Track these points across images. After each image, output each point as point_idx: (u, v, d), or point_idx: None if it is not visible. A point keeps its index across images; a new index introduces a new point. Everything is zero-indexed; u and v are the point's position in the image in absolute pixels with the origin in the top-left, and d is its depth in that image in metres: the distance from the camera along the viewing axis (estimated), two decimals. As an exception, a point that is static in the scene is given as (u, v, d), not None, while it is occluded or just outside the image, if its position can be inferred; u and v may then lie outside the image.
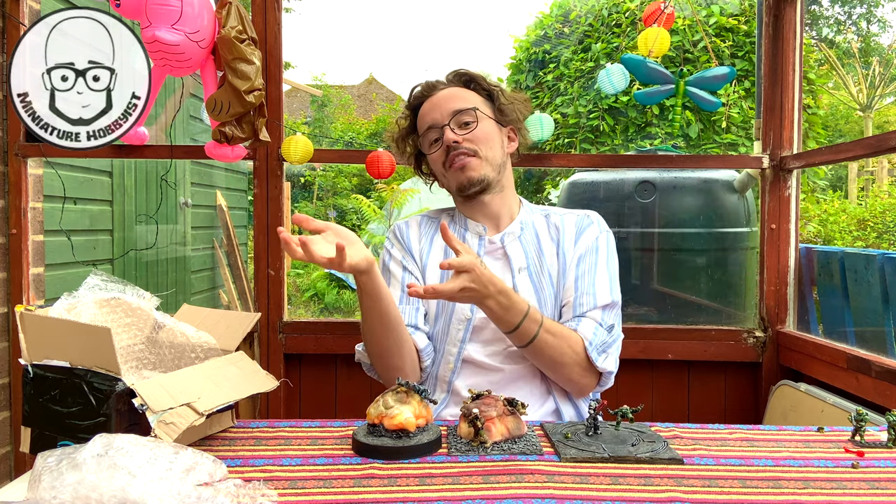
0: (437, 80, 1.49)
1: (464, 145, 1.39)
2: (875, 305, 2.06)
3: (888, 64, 13.97)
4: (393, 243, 1.50)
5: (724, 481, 0.90)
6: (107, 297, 1.09)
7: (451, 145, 1.39)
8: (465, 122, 1.40)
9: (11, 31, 1.94)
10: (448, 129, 1.39)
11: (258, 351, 2.02)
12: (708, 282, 2.67)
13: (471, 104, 1.42)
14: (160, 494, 0.72)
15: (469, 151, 1.39)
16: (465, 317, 1.37)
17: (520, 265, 1.41)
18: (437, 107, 1.42)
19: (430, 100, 1.45)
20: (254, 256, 2.05)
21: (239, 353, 1.15)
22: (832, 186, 10.60)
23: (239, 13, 1.71)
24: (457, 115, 1.40)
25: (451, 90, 1.45)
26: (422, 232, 1.50)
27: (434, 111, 1.43)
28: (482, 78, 1.49)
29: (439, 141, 1.42)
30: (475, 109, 1.41)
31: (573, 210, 1.51)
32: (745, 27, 5.15)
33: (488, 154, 1.41)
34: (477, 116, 1.41)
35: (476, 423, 1.02)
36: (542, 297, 1.38)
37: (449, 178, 1.43)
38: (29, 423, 0.98)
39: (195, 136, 4.98)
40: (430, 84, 1.48)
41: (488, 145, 1.41)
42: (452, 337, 1.37)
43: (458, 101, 1.42)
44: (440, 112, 1.42)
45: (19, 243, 1.96)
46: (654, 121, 5.29)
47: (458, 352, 1.37)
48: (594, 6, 5.63)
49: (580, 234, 1.43)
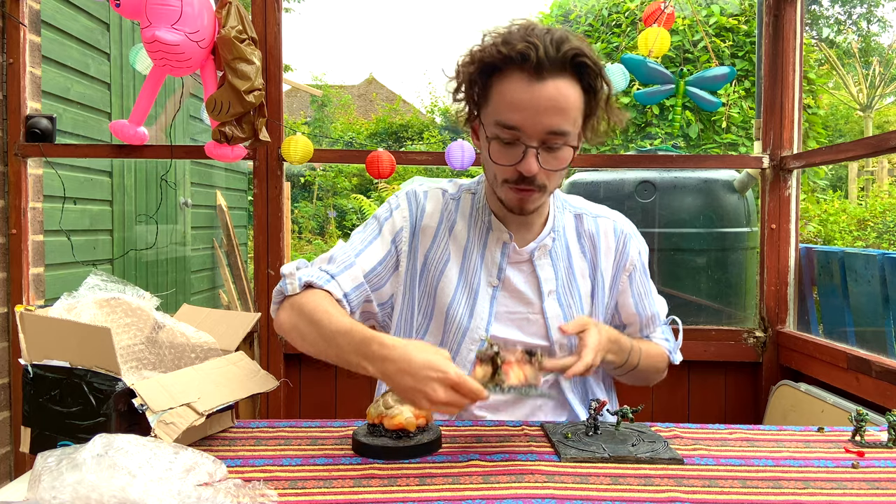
0: (545, 53, 1.08)
1: (539, 178, 1.14)
2: (875, 305, 2.06)
3: (888, 64, 13.96)
4: (400, 206, 1.28)
5: (725, 481, 0.90)
6: (107, 297, 1.09)
7: (527, 175, 1.12)
8: (553, 147, 1.13)
9: (11, 31, 1.94)
10: (532, 156, 1.11)
11: (258, 351, 2.02)
12: (708, 282, 2.66)
13: (573, 126, 1.13)
14: (160, 494, 0.72)
15: (539, 187, 1.15)
16: (479, 337, 1.22)
17: (549, 288, 1.25)
18: (535, 111, 1.09)
19: (530, 88, 1.09)
20: (254, 256, 2.05)
21: (239, 353, 1.15)
22: (832, 186, 10.59)
23: (239, 13, 1.71)
24: (549, 139, 1.11)
25: (560, 89, 1.09)
26: (443, 215, 1.28)
27: (527, 112, 1.09)
28: (601, 70, 1.14)
29: (513, 147, 1.12)
30: (569, 136, 1.13)
31: (606, 212, 1.35)
32: (745, 27, 5.16)
33: (552, 186, 1.18)
34: (569, 141, 1.13)
35: (496, 360, 0.99)
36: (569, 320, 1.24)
37: (500, 190, 1.18)
38: (29, 423, 0.98)
39: (195, 136, 4.97)
40: (539, 60, 1.07)
41: (559, 177, 1.18)
42: (463, 356, 1.22)
43: (561, 118, 1.10)
44: (534, 122, 1.09)
45: (19, 243, 1.96)
46: (654, 121, 5.29)
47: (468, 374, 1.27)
48: (594, 6, 5.63)
49: (621, 252, 1.31)
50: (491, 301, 1.24)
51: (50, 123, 1.98)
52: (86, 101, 3.39)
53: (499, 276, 1.25)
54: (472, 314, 1.23)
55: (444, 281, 1.25)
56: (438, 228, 1.27)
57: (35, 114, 1.99)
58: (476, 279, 1.25)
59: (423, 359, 0.95)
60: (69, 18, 3.23)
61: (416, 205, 1.28)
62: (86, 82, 3.41)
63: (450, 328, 1.24)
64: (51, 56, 3.03)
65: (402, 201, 1.29)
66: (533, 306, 1.25)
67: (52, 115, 2.02)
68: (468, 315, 1.23)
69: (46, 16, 2.96)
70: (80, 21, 3.34)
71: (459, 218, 1.28)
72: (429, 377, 0.93)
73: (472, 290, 1.24)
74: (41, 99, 2.10)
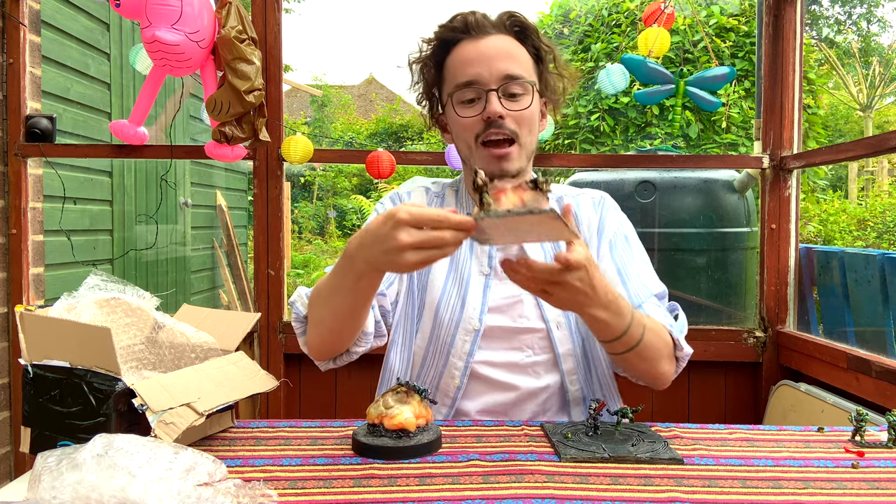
0: (483, 16, 1.20)
1: (507, 124, 1.16)
2: (875, 305, 2.06)
3: (888, 64, 13.97)
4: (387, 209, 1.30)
5: (724, 481, 0.90)
6: (107, 297, 1.09)
7: (494, 119, 1.15)
8: (514, 94, 1.17)
9: (11, 31, 1.94)
10: (494, 97, 1.14)
11: (258, 351, 2.02)
12: (708, 282, 2.66)
13: (526, 72, 1.18)
14: (160, 494, 0.72)
15: (510, 135, 1.16)
16: (472, 327, 1.21)
17: None
18: (486, 60, 1.16)
19: (476, 45, 1.18)
20: (254, 256, 2.05)
21: (239, 353, 1.15)
22: (832, 186, 10.60)
23: (239, 13, 1.71)
24: (508, 83, 1.16)
25: (504, 41, 1.19)
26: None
27: (480, 64, 1.16)
28: (537, 32, 1.23)
29: (476, 103, 1.17)
30: (531, 82, 1.18)
31: (584, 190, 1.34)
32: (745, 27, 5.16)
33: (527, 141, 1.19)
34: (527, 90, 1.17)
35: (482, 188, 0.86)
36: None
37: (477, 155, 1.19)
38: (29, 423, 0.98)
39: (195, 136, 4.97)
40: (478, 21, 1.19)
41: (529, 129, 1.19)
42: (458, 349, 1.20)
43: (512, 63, 1.17)
44: (488, 69, 1.15)
45: (19, 243, 1.96)
46: (654, 121, 5.29)
47: (464, 366, 1.20)
48: (594, 6, 5.63)
49: (603, 220, 1.28)
50: (484, 290, 1.23)
51: (50, 123, 1.98)
52: (86, 101, 3.39)
53: (489, 263, 1.25)
54: (463, 304, 1.22)
55: (433, 274, 1.25)
56: None
57: (35, 114, 1.99)
58: (466, 269, 1.25)
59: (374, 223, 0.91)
60: (69, 18, 3.23)
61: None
62: (86, 82, 3.41)
63: (442, 320, 1.23)
64: (51, 56, 3.03)
65: (389, 205, 1.30)
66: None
67: (52, 115, 2.02)
68: (460, 305, 1.22)
69: (46, 16, 2.96)
70: (80, 21, 3.35)
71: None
72: (386, 233, 0.88)
73: (462, 280, 1.24)
74: (41, 99, 2.10)
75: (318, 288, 1.10)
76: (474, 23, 1.18)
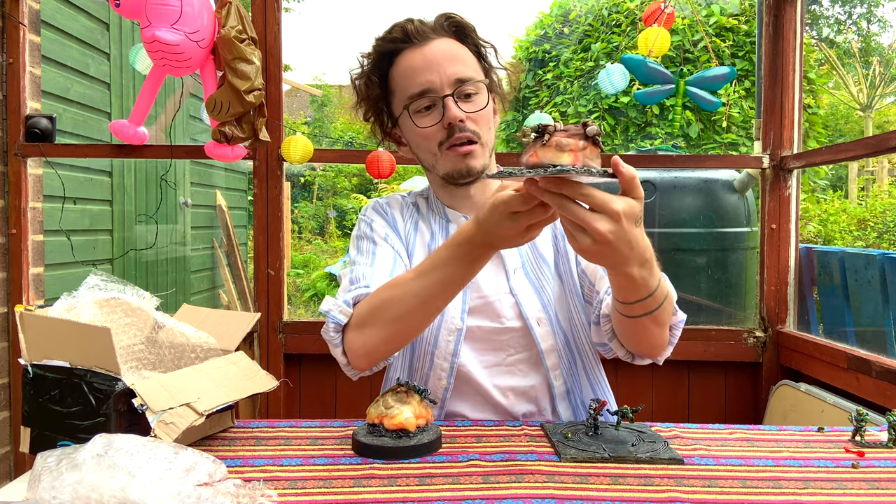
0: (420, 22, 1.20)
1: (468, 125, 1.16)
2: (875, 305, 2.06)
3: (888, 64, 13.97)
4: (373, 218, 1.29)
5: (725, 481, 0.90)
6: (106, 297, 1.09)
7: (455, 124, 1.15)
8: (468, 95, 1.18)
9: (11, 31, 1.94)
10: (451, 102, 1.15)
11: (258, 351, 2.02)
12: (708, 282, 2.67)
13: (475, 72, 1.19)
14: (160, 494, 0.72)
15: (472, 136, 1.17)
16: (455, 326, 1.19)
17: (514, 265, 1.23)
18: (434, 66, 1.16)
19: (420, 52, 1.18)
20: (254, 256, 2.05)
21: (239, 353, 1.14)
22: (832, 186, 10.60)
23: (239, 13, 1.71)
24: (461, 86, 1.16)
25: (448, 45, 1.19)
26: (405, 215, 1.31)
27: (429, 71, 1.16)
28: (475, 30, 1.23)
29: (433, 110, 1.18)
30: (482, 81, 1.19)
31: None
32: (745, 27, 5.16)
33: (487, 139, 1.20)
34: (479, 89, 1.18)
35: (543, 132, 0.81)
36: (545, 298, 1.21)
37: (442, 160, 1.19)
38: (29, 423, 0.98)
39: (195, 136, 4.98)
40: (417, 28, 1.19)
41: (487, 126, 1.20)
42: (442, 349, 1.19)
43: (460, 65, 1.17)
44: (439, 75, 1.15)
45: (19, 243, 1.96)
46: (654, 121, 5.29)
47: (450, 367, 1.19)
48: (594, 6, 5.64)
49: None
50: (464, 290, 1.19)
51: (50, 123, 1.98)
52: (86, 101, 3.39)
53: None
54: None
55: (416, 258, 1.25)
56: (405, 229, 1.29)
57: (35, 114, 1.99)
58: None
59: (483, 217, 0.94)
60: (69, 18, 3.23)
61: (385, 212, 1.31)
62: (86, 82, 3.41)
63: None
64: (51, 56, 3.03)
65: (372, 214, 1.30)
66: (501, 286, 1.21)
67: (52, 114, 2.02)
68: None
69: (46, 16, 2.96)
70: (80, 21, 3.35)
71: (420, 218, 1.31)
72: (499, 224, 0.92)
73: None
74: (41, 99, 2.10)
75: (400, 286, 1.07)
76: (414, 30, 1.19)
